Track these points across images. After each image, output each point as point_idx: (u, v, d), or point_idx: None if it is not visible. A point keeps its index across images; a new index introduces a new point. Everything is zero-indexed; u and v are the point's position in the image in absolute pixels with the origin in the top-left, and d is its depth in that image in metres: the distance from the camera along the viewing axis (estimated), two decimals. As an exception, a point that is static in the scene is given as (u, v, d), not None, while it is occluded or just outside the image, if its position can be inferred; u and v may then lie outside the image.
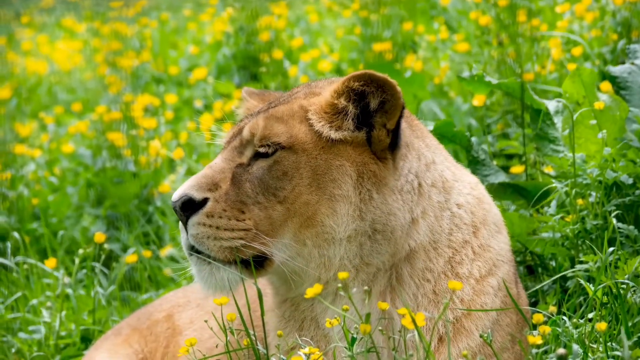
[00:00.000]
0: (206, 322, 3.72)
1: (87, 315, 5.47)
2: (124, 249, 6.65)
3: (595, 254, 4.06)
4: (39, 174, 7.94)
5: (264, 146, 3.52)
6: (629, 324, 3.71)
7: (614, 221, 4.19)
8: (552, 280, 4.37)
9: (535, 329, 3.43)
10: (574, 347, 3.52)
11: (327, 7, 11.37)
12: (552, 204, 4.61)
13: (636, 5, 6.54)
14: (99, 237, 5.67)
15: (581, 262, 4.15)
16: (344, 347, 3.32)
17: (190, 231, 3.47)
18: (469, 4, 8.82)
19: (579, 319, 3.73)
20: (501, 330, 3.59)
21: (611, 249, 3.99)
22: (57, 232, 6.96)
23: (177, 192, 3.48)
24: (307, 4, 11.83)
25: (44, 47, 12.43)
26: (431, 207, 3.58)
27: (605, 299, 3.87)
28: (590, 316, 3.81)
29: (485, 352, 3.51)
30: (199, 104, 9.24)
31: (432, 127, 4.70)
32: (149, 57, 10.37)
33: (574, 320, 3.69)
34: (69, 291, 5.55)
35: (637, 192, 4.38)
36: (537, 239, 4.44)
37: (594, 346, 3.63)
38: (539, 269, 4.57)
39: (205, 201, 3.47)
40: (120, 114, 7.77)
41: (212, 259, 3.46)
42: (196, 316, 4.32)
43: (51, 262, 5.64)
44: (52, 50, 12.32)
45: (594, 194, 4.40)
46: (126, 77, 8.88)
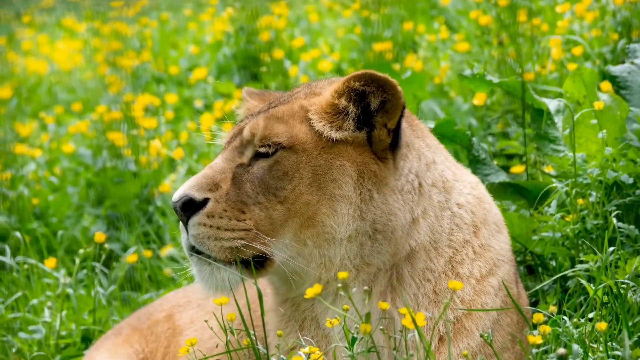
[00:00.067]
0: (206, 322, 3.72)
1: (87, 315, 5.47)
2: (125, 249, 6.65)
3: (595, 254, 4.06)
4: (39, 173, 7.94)
5: (265, 146, 3.51)
6: (630, 323, 3.71)
7: (614, 221, 4.19)
8: (552, 280, 4.37)
9: (535, 329, 3.42)
10: (574, 347, 3.52)
11: (328, 7, 11.37)
12: (552, 204, 4.61)
13: (636, 5, 6.54)
14: (100, 237, 5.66)
15: (581, 262, 4.15)
16: (345, 346, 3.32)
17: (190, 231, 3.46)
18: (470, 4, 8.83)
19: (580, 319, 3.73)
20: (502, 330, 3.58)
21: (611, 248, 3.99)
22: (57, 232, 6.96)
23: (178, 193, 3.48)
24: (308, 3, 11.83)
25: (44, 47, 12.43)
26: (432, 206, 3.58)
27: (605, 299, 3.87)
28: (590, 316, 3.81)
29: (485, 352, 3.51)
30: (199, 104, 9.24)
31: (432, 126, 4.70)
32: (149, 57, 10.37)
33: (575, 320, 3.69)
34: (70, 291, 5.55)
35: (638, 191, 4.38)
36: (537, 238, 4.43)
37: (595, 346, 3.63)
38: (540, 269, 4.57)
39: (205, 201, 3.47)
40: (120, 114, 7.77)
41: (213, 259, 3.46)
42: (197, 316, 4.32)
43: (51, 262, 5.63)
44: (53, 50, 12.32)
45: (594, 193, 4.40)
46: (126, 77, 8.87)
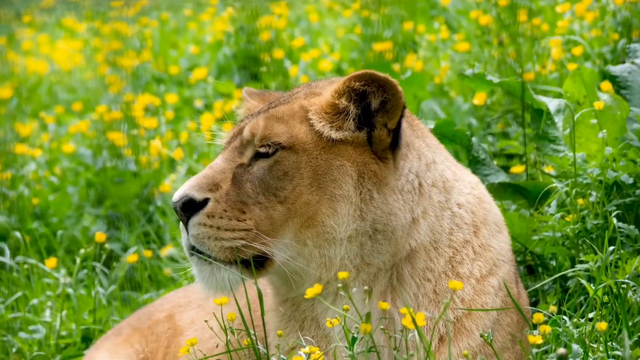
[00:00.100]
0: (206, 322, 3.72)
1: (87, 315, 5.47)
2: (125, 249, 6.65)
3: (595, 254, 4.06)
4: (40, 173, 7.94)
5: (265, 146, 3.51)
6: (630, 323, 3.71)
7: (614, 221, 4.18)
8: (552, 279, 4.37)
9: (535, 329, 3.42)
10: (574, 346, 3.52)
11: (328, 7, 11.37)
12: (552, 204, 4.61)
13: (636, 5, 6.54)
14: (100, 236, 5.67)
15: (581, 262, 4.15)
16: (345, 346, 3.32)
17: (191, 231, 3.46)
18: (470, 4, 8.83)
19: (580, 319, 3.73)
20: (502, 329, 3.58)
21: (611, 248, 3.99)
22: (57, 232, 6.96)
23: (178, 193, 3.48)
24: (308, 3, 11.83)
25: (45, 46, 12.43)
26: (432, 206, 3.58)
27: (605, 299, 3.87)
28: (590, 316, 3.81)
29: (485, 352, 3.51)
30: (199, 104, 9.24)
31: (432, 126, 4.70)
32: (150, 56, 10.37)
33: (575, 319, 3.69)
34: (70, 291, 5.55)
35: (638, 191, 4.38)
36: (537, 238, 4.43)
37: (595, 346, 3.63)
38: (540, 269, 4.57)
39: (206, 201, 3.47)
40: (120, 114, 7.77)
41: (213, 259, 3.46)
42: (197, 317, 4.32)
43: (52, 262, 5.64)
44: (53, 50, 12.32)
45: (594, 193, 4.40)
46: (127, 76, 8.87)
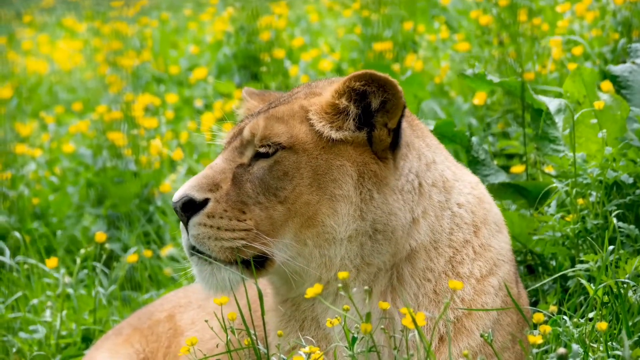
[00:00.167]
0: (207, 322, 3.72)
1: (87, 314, 5.47)
2: (125, 249, 6.65)
3: (595, 254, 4.06)
4: (40, 173, 7.94)
5: (265, 146, 3.51)
6: (630, 323, 3.71)
7: (614, 221, 4.19)
8: (552, 279, 4.37)
9: (535, 329, 3.42)
10: (575, 346, 3.52)
11: (328, 7, 11.37)
12: (552, 204, 4.61)
13: (636, 4, 6.54)
14: (100, 236, 5.66)
15: (582, 262, 4.15)
16: (345, 346, 3.32)
17: (191, 232, 3.46)
18: (470, 4, 8.83)
19: (580, 319, 3.73)
20: (502, 329, 3.58)
21: (611, 248, 3.99)
22: (57, 232, 6.96)
23: (178, 193, 3.48)
24: (308, 3, 11.83)
25: (45, 46, 12.43)
26: (432, 206, 3.58)
27: (605, 299, 3.87)
28: (590, 316, 3.81)
29: (485, 352, 3.51)
30: (199, 104, 9.24)
31: (432, 126, 4.70)
32: (150, 56, 10.37)
33: (575, 319, 3.69)
34: (70, 291, 5.55)
35: (638, 191, 4.38)
36: (537, 238, 4.44)
37: (595, 346, 3.63)
38: (540, 269, 4.57)
39: (206, 202, 3.47)
40: (120, 114, 7.77)
41: (213, 260, 3.46)
42: (197, 317, 4.32)
43: (52, 262, 5.63)
44: (53, 49, 12.32)
45: (594, 193, 4.40)
46: (127, 76, 8.87)
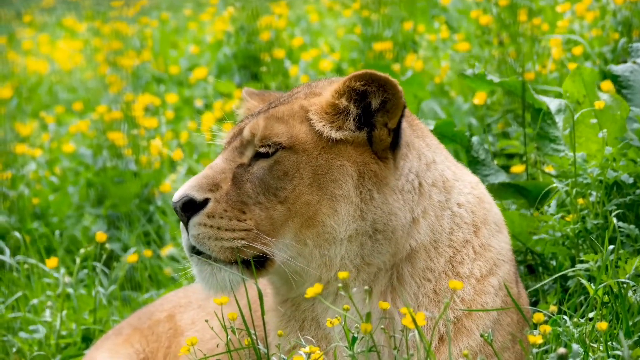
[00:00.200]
0: (207, 321, 3.72)
1: (88, 314, 5.47)
2: (125, 249, 6.65)
3: (595, 253, 4.06)
4: (40, 173, 7.94)
5: (265, 146, 3.51)
6: (630, 323, 3.71)
7: (614, 220, 4.19)
8: (552, 279, 4.37)
9: (535, 329, 3.42)
10: (575, 346, 3.52)
11: (328, 7, 11.37)
12: (552, 204, 4.61)
13: (637, 4, 6.54)
14: (100, 236, 5.66)
15: (582, 262, 4.15)
16: (345, 346, 3.32)
17: (191, 232, 3.46)
18: (470, 4, 8.83)
19: (580, 319, 3.73)
20: (502, 329, 3.58)
21: (611, 247, 3.99)
22: (57, 232, 6.96)
23: (178, 193, 3.48)
24: (308, 3, 11.83)
25: (45, 46, 12.43)
26: (432, 206, 3.58)
27: (606, 298, 3.87)
28: (590, 315, 3.81)
29: (486, 352, 3.51)
30: (199, 104, 9.24)
31: (432, 126, 4.70)
32: (150, 56, 10.37)
33: (575, 319, 3.68)
34: (70, 291, 5.55)
35: (638, 191, 4.38)
36: (537, 238, 4.44)
37: (595, 345, 3.63)
38: (540, 268, 4.57)
39: (206, 202, 3.47)
40: (121, 114, 7.76)
41: (213, 260, 3.46)
42: (198, 317, 4.32)
43: (52, 262, 5.63)
44: (53, 49, 12.32)
45: (594, 193, 4.40)
46: (127, 76, 8.87)
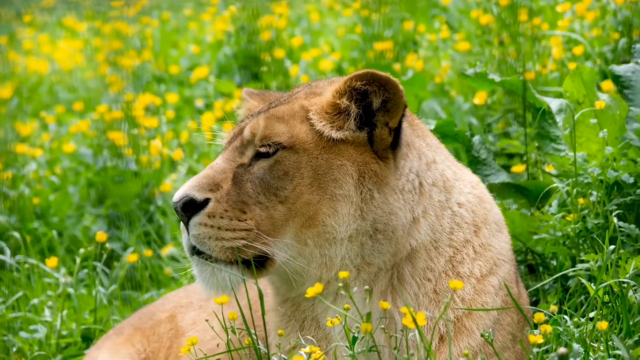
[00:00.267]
0: (207, 321, 3.73)
1: (88, 314, 5.47)
2: (125, 249, 6.65)
3: (596, 253, 4.06)
4: (40, 173, 7.95)
5: (265, 146, 3.51)
6: (630, 322, 3.71)
7: (615, 220, 4.18)
8: (553, 279, 4.37)
9: (536, 328, 3.42)
10: (575, 346, 3.52)
11: (328, 7, 11.37)
12: (553, 203, 4.61)
13: (637, 4, 6.54)
14: (101, 236, 5.66)
15: (582, 261, 4.15)
16: (345, 346, 3.32)
17: (191, 232, 3.46)
18: (470, 3, 8.83)
19: (580, 318, 3.73)
20: (502, 329, 3.58)
21: (612, 247, 3.99)
22: (58, 232, 6.96)
23: (178, 193, 3.47)
24: (308, 3, 11.83)
25: (45, 46, 12.43)
26: (432, 206, 3.58)
27: (606, 298, 3.87)
28: (591, 315, 3.81)
29: (486, 351, 3.51)
30: (200, 103, 9.24)
31: (433, 126, 4.70)
32: (150, 56, 10.37)
33: (575, 319, 3.69)
34: (70, 290, 5.55)
35: (638, 191, 4.38)
36: (538, 238, 4.44)
37: (595, 345, 3.63)
38: (540, 268, 4.57)
39: (206, 201, 3.47)
40: (121, 113, 7.76)
41: (214, 260, 3.46)
42: (199, 318, 4.32)
43: (52, 262, 5.63)
44: (53, 49, 12.32)
45: (595, 193, 4.40)
46: (127, 76, 8.87)
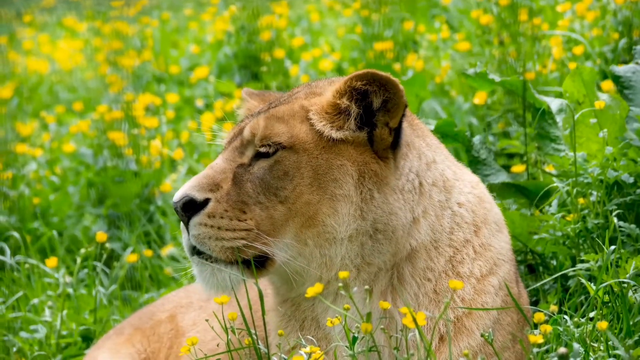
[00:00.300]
0: (207, 321, 3.73)
1: (88, 314, 5.47)
2: (125, 248, 6.65)
3: (596, 253, 4.06)
4: (40, 173, 7.95)
5: (265, 146, 3.51)
6: (630, 322, 3.71)
7: (615, 220, 4.19)
8: (553, 279, 4.37)
9: (536, 328, 3.42)
10: (575, 346, 3.52)
11: (328, 6, 11.37)
12: (553, 203, 4.61)
13: (637, 4, 6.54)
14: (101, 236, 5.66)
15: (582, 261, 4.15)
16: (345, 346, 3.32)
17: (191, 232, 3.46)
18: (470, 3, 8.83)
19: (580, 318, 3.73)
20: (502, 329, 3.58)
21: (612, 247, 3.99)
22: (58, 232, 6.96)
23: (179, 193, 3.48)
24: (308, 3, 11.83)
25: (45, 46, 12.43)
26: (432, 206, 3.58)
27: (606, 298, 3.87)
28: (591, 315, 3.81)
29: (486, 351, 3.51)
30: (200, 103, 9.25)
31: (433, 126, 4.70)
32: (150, 56, 10.37)
33: (575, 319, 3.69)
34: (70, 290, 5.55)
35: (638, 191, 4.38)
36: (538, 238, 4.44)
37: (595, 345, 3.63)
38: (540, 268, 4.57)
39: (206, 202, 3.47)
40: (121, 113, 7.76)
41: (214, 260, 3.46)
42: (199, 318, 4.31)
43: (52, 262, 5.63)
44: (54, 49, 12.33)
45: (595, 193, 4.40)
46: (127, 76, 8.87)
